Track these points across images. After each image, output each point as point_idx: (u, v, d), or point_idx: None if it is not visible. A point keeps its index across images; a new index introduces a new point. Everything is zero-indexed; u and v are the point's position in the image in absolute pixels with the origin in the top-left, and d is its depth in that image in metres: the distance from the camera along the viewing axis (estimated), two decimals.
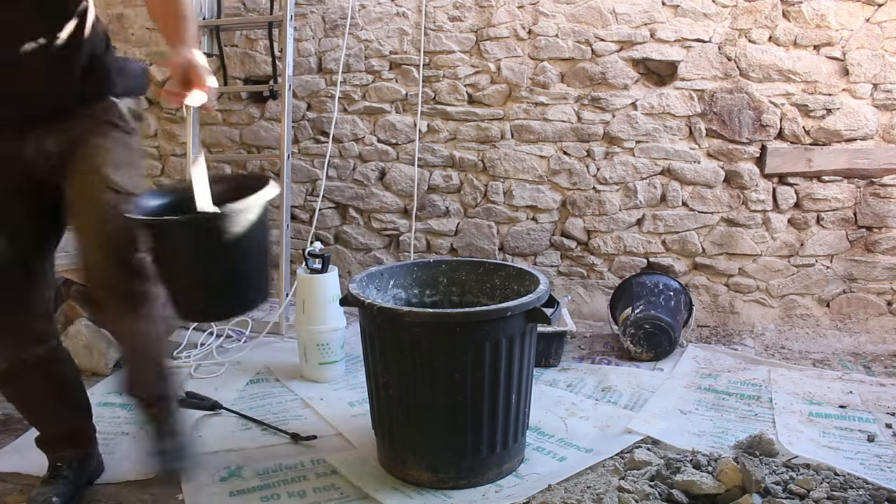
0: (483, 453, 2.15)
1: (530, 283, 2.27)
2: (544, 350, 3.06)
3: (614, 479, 2.09)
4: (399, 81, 3.81)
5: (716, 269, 3.59)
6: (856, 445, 2.39)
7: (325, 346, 2.94)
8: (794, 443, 2.37)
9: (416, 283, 2.51)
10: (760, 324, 3.57)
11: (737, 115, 3.43)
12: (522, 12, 3.59)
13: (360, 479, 2.20)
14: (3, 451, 2.38)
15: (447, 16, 3.68)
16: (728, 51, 3.42)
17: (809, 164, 3.40)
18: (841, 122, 3.36)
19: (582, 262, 3.73)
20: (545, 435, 2.49)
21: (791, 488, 1.96)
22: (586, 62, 3.55)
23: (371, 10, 3.78)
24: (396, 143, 3.85)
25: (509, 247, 3.79)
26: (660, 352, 3.18)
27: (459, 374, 2.06)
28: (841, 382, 2.93)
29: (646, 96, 3.52)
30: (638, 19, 3.47)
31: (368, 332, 2.19)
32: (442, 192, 3.84)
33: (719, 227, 3.56)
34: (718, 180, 3.52)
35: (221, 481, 2.21)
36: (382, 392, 2.20)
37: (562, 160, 3.65)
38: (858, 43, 3.30)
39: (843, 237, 3.46)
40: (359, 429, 2.50)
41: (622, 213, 3.64)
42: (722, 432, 2.48)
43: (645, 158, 3.57)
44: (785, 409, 2.67)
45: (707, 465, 2.08)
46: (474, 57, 3.69)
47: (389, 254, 3.99)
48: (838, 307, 3.52)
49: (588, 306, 3.75)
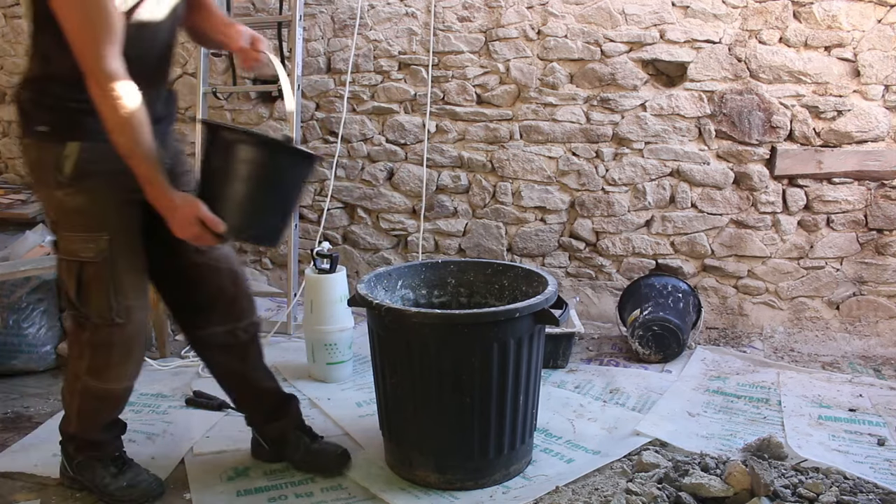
0: (490, 454, 2.14)
1: (538, 285, 2.27)
2: (552, 351, 3.06)
3: (622, 481, 2.09)
4: (408, 82, 3.81)
5: (725, 270, 3.58)
6: (865, 449, 2.37)
7: (332, 346, 2.94)
8: (803, 446, 2.36)
9: (425, 284, 2.50)
10: (769, 326, 3.55)
11: (746, 117, 3.42)
12: (531, 13, 3.58)
13: (368, 479, 2.21)
14: (11, 450, 2.40)
15: (456, 16, 3.68)
16: (738, 52, 3.40)
17: (820, 165, 3.38)
18: (852, 124, 3.34)
19: (590, 263, 3.72)
20: (553, 437, 2.48)
21: (800, 492, 1.95)
22: (595, 63, 3.54)
23: (380, 11, 3.78)
24: (405, 143, 3.85)
25: (517, 248, 3.78)
26: (668, 354, 3.17)
27: (467, 376, 2.06)
28: (850, 385, 2.91)
29: (655, 97, 3.50)
30: (647, 20, 3.46)
31: (376, 333, 2.19)
32: (450, 193, 3.83)
33: (728, 229, 3.55)
34: (728, 182, 3.50)
35: (229, 481, 2.21)
36: (390, 392, 2.20)
37: (570, 161, 3.64)
38: (870, 44, 3.28)
39: (854, 239, 3.44)
40: (366, 429, 2.50)
41: (631, 215, 3.63)
42: (730, 435, 2.47)
43: (654, 160, 3.55)
44: (794, 412, 2.66)
45: (715, 468, 2.07)
46: (483, 57, 3.68)
47: (398, 254, 3.99)
48: (848, 310, 3.50)
49: (596, 308, 3.74)
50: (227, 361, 2.20)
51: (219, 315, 2.11)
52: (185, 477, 2.23)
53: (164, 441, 2.46)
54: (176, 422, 2.59)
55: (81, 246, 1.86)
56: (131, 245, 1.93)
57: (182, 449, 2.40)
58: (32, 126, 1.83)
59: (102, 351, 1.94)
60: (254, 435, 2.34)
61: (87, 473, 2.11)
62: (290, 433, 2.26)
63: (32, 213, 3.90)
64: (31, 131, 1.83)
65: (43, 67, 1.81)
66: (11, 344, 3.02)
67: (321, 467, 2.23)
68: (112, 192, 1.85)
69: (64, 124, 1.81)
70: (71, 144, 1.80)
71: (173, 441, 2.46)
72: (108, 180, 1.84)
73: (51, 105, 1.81)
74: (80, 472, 2.12)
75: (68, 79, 1.74)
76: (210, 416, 2.64)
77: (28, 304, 3.09)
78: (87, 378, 1.97)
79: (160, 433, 2.51)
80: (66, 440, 2.15)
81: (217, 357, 2.20)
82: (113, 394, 2.04)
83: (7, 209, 3.94)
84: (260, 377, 2.26)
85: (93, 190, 1.84)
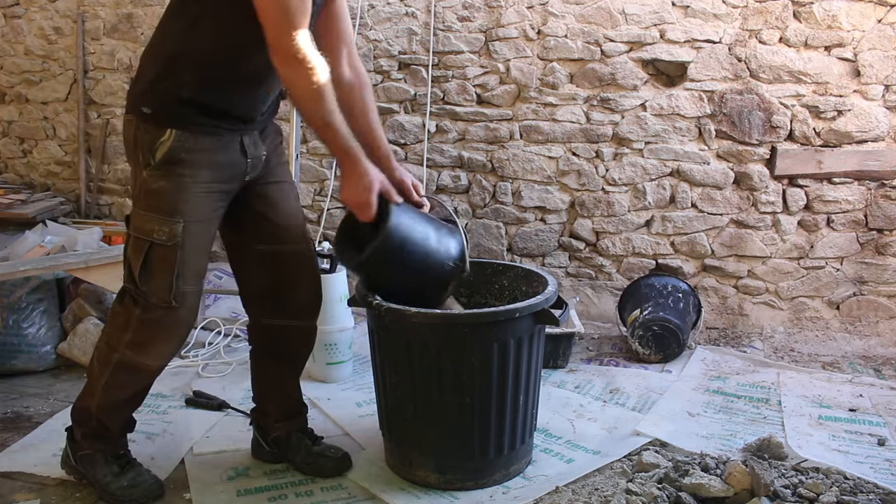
0: (490, 455, 2.14)
1: (539, 285, 2.27)
2: (552, 351, 3.05)
3: (622, 481, 2.09)
4: (408, 81, 3.81)
5: (725, 270, 3.58)
6: (866, 449, 2.37)
7: (332, 346, 2.94)
8: (803, 446, 2.36)
9: None
10: (769, 326, 3.55)
11: (747, 117, 3.41)
12: (532, 12, 3.58)
13: (368, 479, 2.21)
14: (11, 450, 2.39)
15: (456, 16, 3.68)
16: (738, 52, 3.40)
17: (820, 165, 3.38)
18: (852, 124, 3.34)
19: (590, 263, 3.72)
20: (553, 437, 2.48)
21: (800, 492, 1.95)
22: (595, 63, 3.54)
23: (380, 10, 3.78)
24: (405, 143, 3.85)
25: (517, 248, 3.78)
26: (668, 354, 3.17)
27: (467, 376, 2.06)
28: (851, 386, 2.91)
29: (655, 97, 3.50)
30: (647, 20, 3.46)
31: (376, 333, 2.18)
32: (450, 193, 3.83)
33: (728, 229, 3.55)
34: (728, 182, 3.50)
35: (229, 480, 2.21)
36: (390, 392, 2.20)
37: (570, 161, 3.64)
38: (870, 44, 3.28)
39: (854, 239, 3.44)
40: (366, 429, 2.50)
41: (631, 215, 3.63)
42: (730, 435, 2.47)
43: (654, 159, 3.55)
44: (794, 412, 2.66)
45: (715, 468, 2.07)
46: (483, 57, 3.68)
47: None
48: (848, 310, 3.49)
49: (596, 308, 3.74)
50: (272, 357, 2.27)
51: (278, 307, 2.17)
52: (185, 477, 2.23)
53: (164, 441, 2.45)
54: (176, 422, 2.59)
55: (156, 227, 1.90)
56: (203, 234, 1.98)
57: (182, 449, 2.39)
58: (138, 106, 1.90)
59: (151, 328, 1.98)
60: (254, 435, 2.34)
61: (89, 468, 2.11)
62: (292, 434, 2.26)
63: (32, 213, 3.91)
64: (136, 110, 1.91)
65: (168, 53, 1.89)
66: (11, 344, 3.02)
67: (321, 470, 2.23)
68: (195, 181, 1.91)
69: (167, 110, 1.88)
70: (169, 131, 1.87)
71: (173, 441, 2.45)
72: (194, 170, 1.90)
73: (161, 91, 1.88)
74: (81, 464, 2.12)
75: (193, 66, 1.85)
76: (210, 415, 2.64)
77: (28, 304, 3.09)
78: (126, 350, 2.00)
79: (160, 433, 2.50)
80: (75, 422, 2.14)
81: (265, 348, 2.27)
82: (147, 370, 2.05)
83: (7, 209, 3.95)
84: (293, 385, 2.31)
85: (178, 176, 1.89)
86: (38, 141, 4.54)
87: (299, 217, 2.19)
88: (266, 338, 2.24)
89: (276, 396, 2.31)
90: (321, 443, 2.30)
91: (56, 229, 3.52)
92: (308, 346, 2.29)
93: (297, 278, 2.16)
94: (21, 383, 2.96)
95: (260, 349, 2.29)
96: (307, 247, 2.18)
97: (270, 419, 2.30)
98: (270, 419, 2.30)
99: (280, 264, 2.13)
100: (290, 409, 2.31)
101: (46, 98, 4.47)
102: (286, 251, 2.13)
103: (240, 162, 1.99)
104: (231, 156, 1.96)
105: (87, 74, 4.33)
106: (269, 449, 2.30)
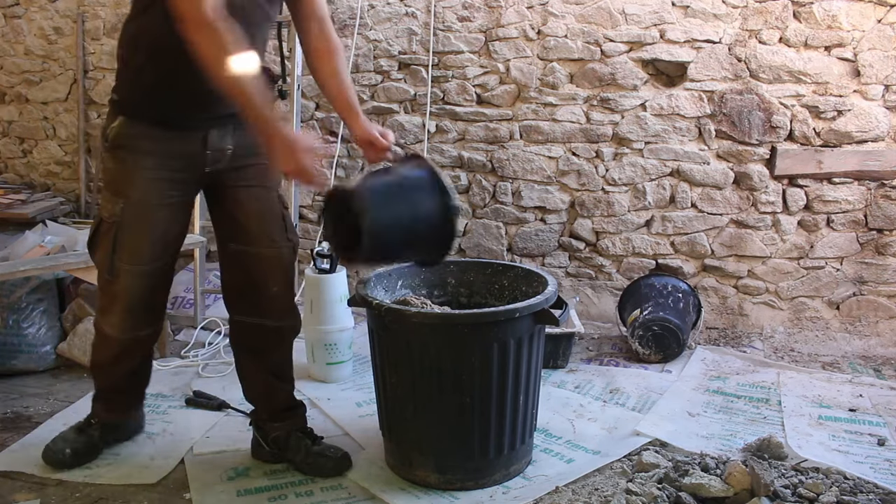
0: (490, 454, 2.14)
1: (538, 285, 2.27)
2: (552, 351, 3.05)
3: (622, 481, 2.09)
4: (408, 82, 3.81)
5: (725, 270, 3.58)
6: (866, 449, 2.37)
7: (332, 346, 2.94)
8: (803, 446, 2.36)
9: (425, 284, 2.50)
10: (769, 326, 3.55)
11: (746, 117, 3.41)
12: (531, 13, 3.58)
13: (368, 479, 2.21)
14: (11, 449, 2.39)
15: (456, 16, 3.68)
16: (738, 52, 3.40)
17: (820, 165, 3.38)
18: (852, 124, 3.34)
19: (590, 263, 3.72)
20: (553, 437, 2.48)
21: (800, 492, 1.95)
22: (595, 63, 3.54)
23: (380, 11, 3.78)
24: (405, 143, 3.84)
25: (517, 248, 3.78)
26: (668, 354, 3.17)
27: (467, 376, 2.06)
28: (850, 386, 2.91)
29: (655, 97, 3.50)
30: (647, 20, 3.46)
31: (376, 333, 2.18)
32: None
33: (728, 229, 3.55)
34: (728, 182, 3.50)
35: (229, 481, 2.21)
36: (390, 392, 2.20)
37: (570, 161, 3.64)
38: (870, 44, 3.28)
39: (854, 239, 3.44)
40: (366, 429, 2.50)
41: (631, 215, 3.63)
42: (730, 435, 2.47)
43: (654, 159, 3.55)
44: (794, 412, 2.66)
45: (715, 468, 2.07)
46: (483, 57, 3.68)
47: None
48: (848, 310, 3.49)
49: (596, 308, 3.74)
50: (247, 353, 2.30)
51: (249, 305, 2.21)
52: (185, 477, 2.23)
53: (164, 441, 2.45)
54: (176, 422, 2.59)
55: (105, 204, 2.09)
56: (146, 217, 2.05)
57: (182, 449, 2.39)
58: (112, 92, 2.08)
59: (102, 297, 2.18)
60: (254, 435, 2.34)
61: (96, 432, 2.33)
62: (292, 434, 2.27)
63: (32, 212, 3.91)
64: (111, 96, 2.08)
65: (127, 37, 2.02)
66: (11, 344, 3.02)
67: (321, 470, 2.23)
68: (136, 167, 2.02)
69: (125, 97, 2.04)
70: (120, 118, 2.03)
71: (173, 441, 2.45)
72: (136, 156, 2.02)
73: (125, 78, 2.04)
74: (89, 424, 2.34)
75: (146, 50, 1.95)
76: (210, 415, 2.64)
77: (28, 304, 3.09)
78: (97, 314, 2.22)
79: (160, 433, 2.50)
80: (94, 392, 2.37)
81: (240, 344, 2.31)
82: (107, 338, 2.19)
83: (7, 209, 3.95)
84: (274, 382, 2.31)
85: (122, 160, 2.04)
86: (38, 141, 4.55)
87: (273, 220, 2.18)
88: (240, 334, 2.29)
89: (257, 393, 2.34)
90: (321, 443, 2.30)
91: (56, 229, 3.51)
92: (282, 346, 2.30)
93: (266, 279, 2.18)
94: (21, 383, 2.96)
95: (236, 345, 2.32)
96: (278, 251, 2.18)
97: (263, 417, 2.32)
98: (263, 417, 2.32)
99: (250, 264, 2.16)
100: (275, 406, 2.32)
101: (46, 98, 4.47)
102: (255, 253, 2.15)
103: (198, 153, 2.05)
104: (186, 146, 2.04)
105: (87, 74, 4.33)
106: (268, 449, 2.30)
